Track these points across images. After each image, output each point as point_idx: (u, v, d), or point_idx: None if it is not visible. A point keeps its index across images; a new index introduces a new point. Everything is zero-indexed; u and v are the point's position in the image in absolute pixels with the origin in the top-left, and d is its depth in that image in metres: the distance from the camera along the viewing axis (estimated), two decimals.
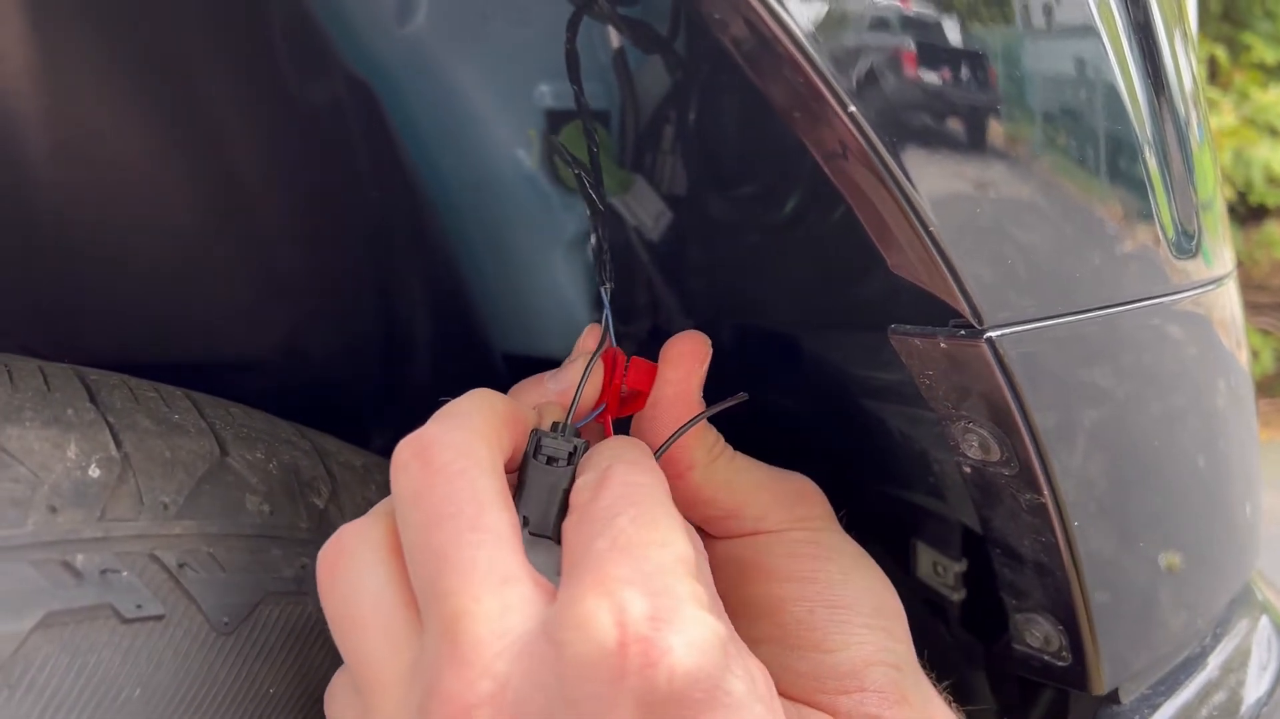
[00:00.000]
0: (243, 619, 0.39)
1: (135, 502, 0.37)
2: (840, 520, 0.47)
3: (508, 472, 0.37)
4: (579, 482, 0.37)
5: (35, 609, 0.33)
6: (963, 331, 0.42)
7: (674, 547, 0.33)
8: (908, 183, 0.37)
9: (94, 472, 0.37)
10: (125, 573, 0.36)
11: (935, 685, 0.45)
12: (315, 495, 0.45)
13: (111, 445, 0.38)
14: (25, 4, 0.38)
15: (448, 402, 0.38)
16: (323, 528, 0.44)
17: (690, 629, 0.30)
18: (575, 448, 0.39)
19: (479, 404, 0.37)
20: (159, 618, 0.36)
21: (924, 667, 0.45)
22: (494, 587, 0.32)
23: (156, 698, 0.36)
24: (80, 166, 0.42)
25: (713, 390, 0.46)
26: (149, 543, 0.37)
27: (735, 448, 0.46)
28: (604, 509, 0.34)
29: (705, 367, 0.44)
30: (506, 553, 0.33)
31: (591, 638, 0.29)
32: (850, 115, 0.35)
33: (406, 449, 0.35)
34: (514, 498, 0.38)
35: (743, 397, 0.44)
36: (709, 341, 0.45)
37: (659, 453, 0.42)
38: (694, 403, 0.44)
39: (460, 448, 0.34)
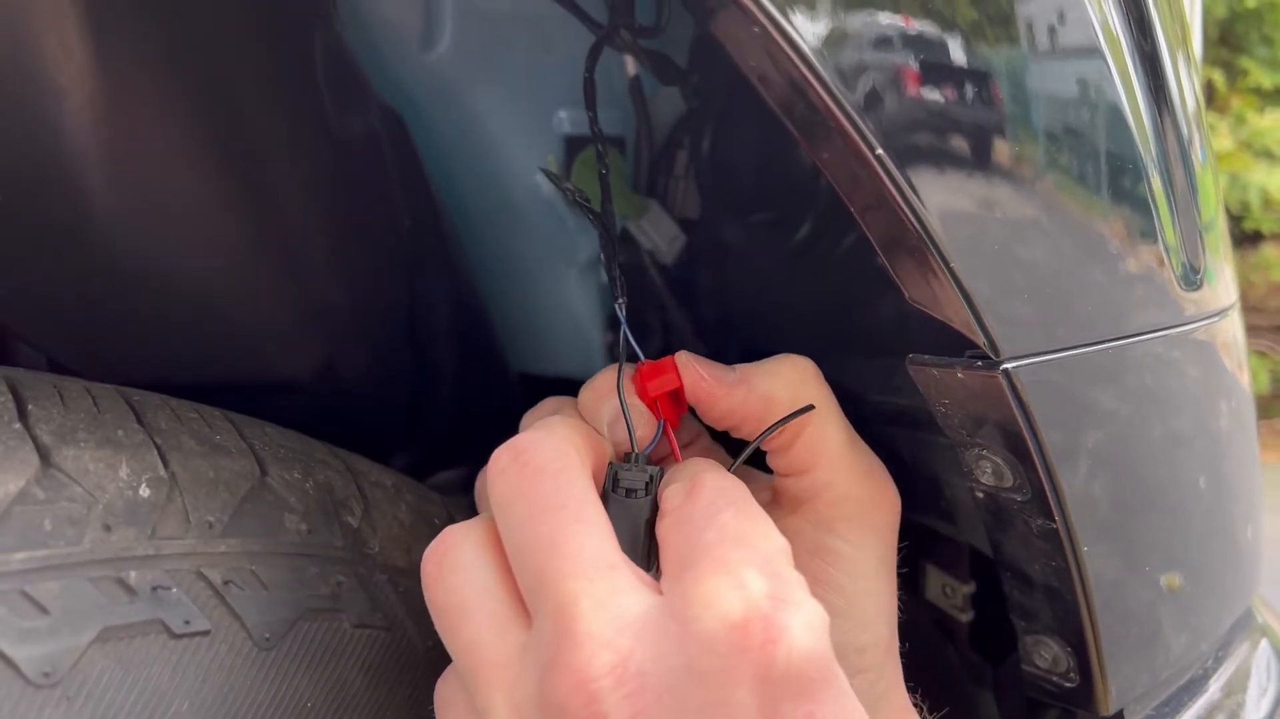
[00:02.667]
0: (283, 635, 0.40)
1: (183, 520, 0.38)
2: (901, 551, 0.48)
3: None
4: (668, 490, 0.39)
5: (93, 624, 0.34)
6: (980, 363, 0.43)
7: (776, 539, 0.35)
8: (928, 218, 0.39)
9: (144, 491, 0.38)
10: (175, 589, 0.37)
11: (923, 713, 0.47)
12: (349, 514, 0.46)
13: (160, 466, 0.39)
14: (89, 40, 0.40)
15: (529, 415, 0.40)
16: (356, 546, 0.45)
17: (805, 611, 0.32)
18: (651, 477, 0.40)
19: (564, 419, 0.40)
20: (206, 633, 0.38)
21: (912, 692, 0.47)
22: (603, 570, 0.34)
23: (204, 712, 0.37)
24: (134, 196, 0.44)
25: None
26: (196, 560, 0.38)
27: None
28: (705, 507, 0.36)
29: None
30: (610, 543, 0.35)
31: (717, 613, 0.31)
32: (878, 158, 0.37)
33: (505, 454, 0.37)
34: None
35: (812, 407, 0.46)
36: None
37: (733, 468, 0.43)
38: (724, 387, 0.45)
39: (556, 449, 0.37)
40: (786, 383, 0.46)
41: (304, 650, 0.41)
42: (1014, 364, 0.43)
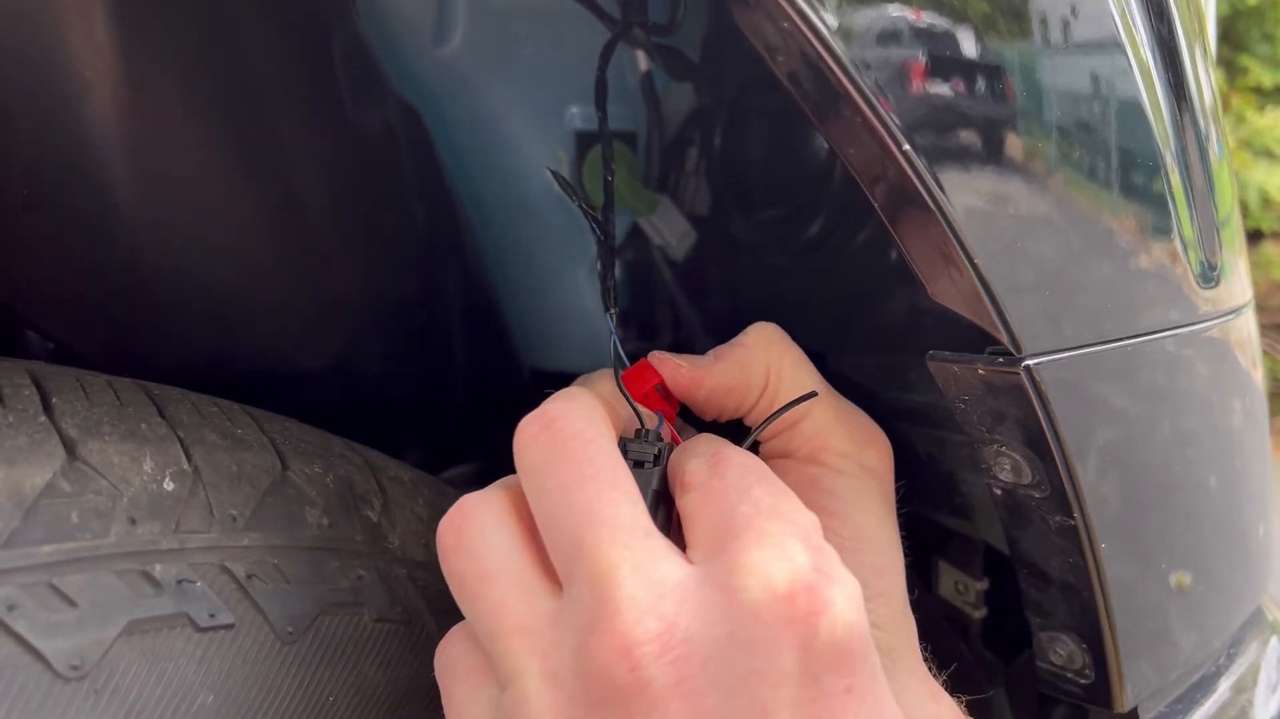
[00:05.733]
0: (305, 629, 0.40)
1: (206, 514, 0.38)
2: (898, 490, 0.48)
3: None
4: (690, 464, 0.38)
5: (120, 617, 0.34)
6: (1001, 359, 0.43)
7: (807, 512, 0.35)
8: (954, 214, 0.39)
9: (168, 485, 0.38)
10: (199, 583, 0.37)
11: (935, 675, 0.46)
12: (369, 509, 0.46)
13: (183, 459, 0.39)
14: (116, 35, 0.40)
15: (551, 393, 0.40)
16: (376, 540, 0.45)
17: (847, 584, 0.32)
18: (660, 450, 0.40)
19: (588, 391, 0.40)
20: (230, 627, 0.38)
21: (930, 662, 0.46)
22: (641, 538, 0.33)
23: (228, 705, 0.37)
24: (157, 189, 0.44)
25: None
26: (220, 554, 0.38)
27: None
28: (735, 481, 0.36)
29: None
30: (644, 511, 0.35)
31: (763, 583, 0.31)
32: (905, 153, 0.37)
33: (534, 423, 0.37)
34: None
35: (815, 393, 0.46)
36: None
37: (745, 445, 0.43)
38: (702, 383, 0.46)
39: (587, 418, 0.37)
40: (757, 347, 0.47)
41: (326, 644, 0.41)
42: (1036, 361, 0.43)
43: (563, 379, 0.81)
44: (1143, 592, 0.52)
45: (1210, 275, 0.54)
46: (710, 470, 0.37)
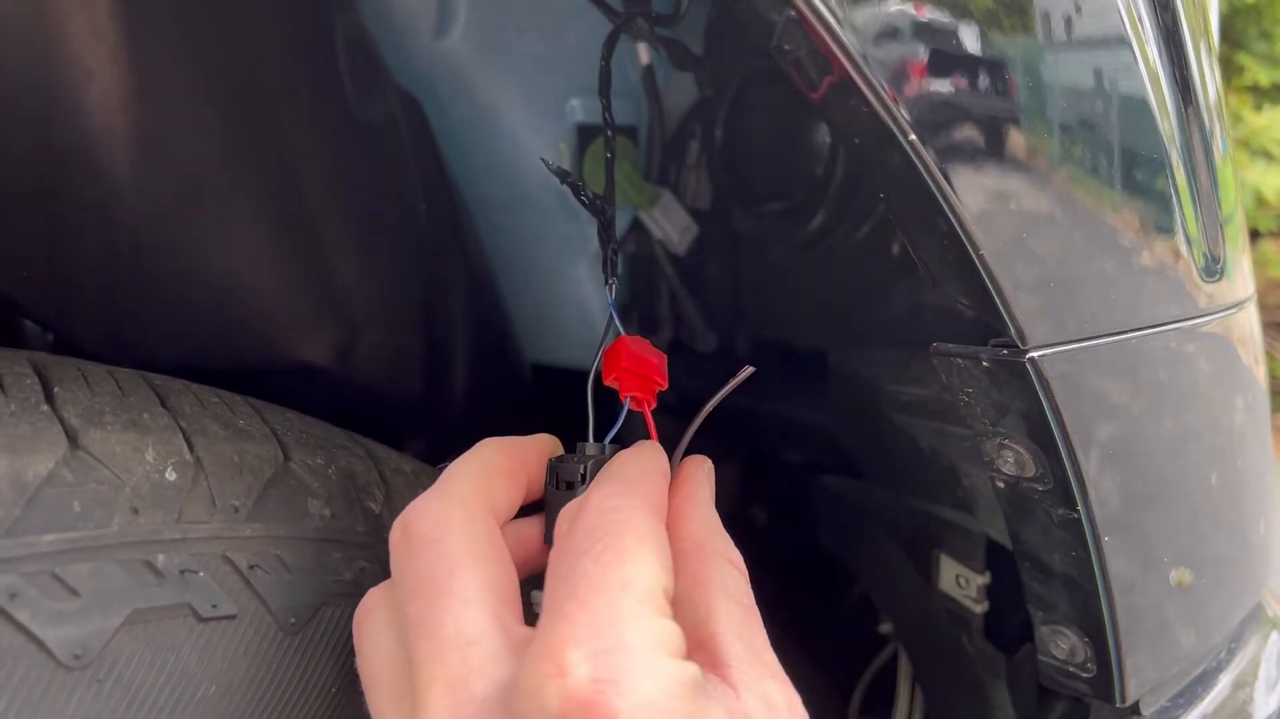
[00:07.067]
0: (307, 620, 0.40)
1: (208, 504, 0.38)
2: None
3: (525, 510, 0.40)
4: (560, 514, 0.37)
5: (123, 607, 0.34)
6: (1005, 351, 0.43)
7: (637, 585, 0.32)
8: (960, 205, 0.39)
9: (170, 475, 0.38)
10: (201, 573, 0.37)
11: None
12: (371, 500, 0.46)
13: (185, 449, 0.39)
14: (120, 23, 0.39)
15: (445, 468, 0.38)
16: (378, 532, 0.45)
17: (643, 686, 0.29)
18: (586, 467, 0.39)
19: (469, 466, 0.39)
20: (232, 617, 0.37)
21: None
22: (459, 649, 0.32)
23: (230, 695, 0.37)
24: (160, 180, 0.43)
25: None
26: (222, 544, 0.38)
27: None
28: (573, 548, 0.34)
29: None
30: (474, 613, 0.33)
31: (537, 705, 0.29)
32: (910, 143, 0.37)
33: (396, 527, 0.36)
34: (547, 531, 0.40)
35: (750, 370, 0.44)
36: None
37: (675, 457, 0.42)
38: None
39: (435, 518, 0.36)
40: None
41: (328, 635, 0.41)
42: (1040, 353, 0.43)
43: (561, 374, 0.81)
44: (1144, 586, 0.52)
45: (1214, 270, 0.54)
46: (570, 521, 0.35)
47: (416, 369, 0.59)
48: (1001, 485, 0.49)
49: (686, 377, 0.82)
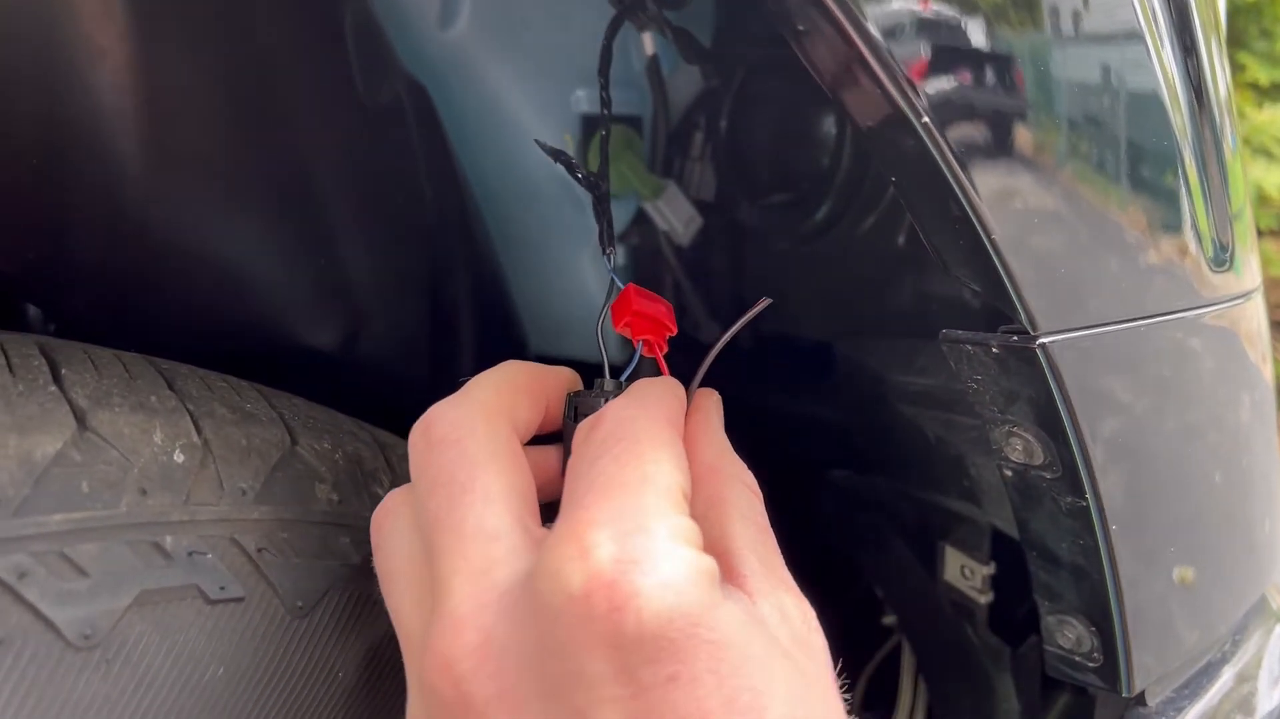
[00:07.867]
0: (315, 604, 0.40)
1: (216, 486, 0.38)
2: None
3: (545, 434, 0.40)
4: (579, 425, 0.37)
5: (131, 587, 0.34)
6: (1015, 337, 0.43)
7: (657, 480, 0.32)
8: (973, 191, 0.39)
9: (178, 457, 0.37)
10: (210, 555, 0.37)
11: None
12: (378, 486, 0.45)
13: (193, 432, 0.39)
14: (130, 3, 0.39)
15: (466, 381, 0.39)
16: None
17: (663, 568, 0.29)
18: (605, 400, 0.39)
19: (491, 378, 0.39)
20: (240, 600, 0.37)
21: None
22: (481, 544, 0.33)
23: (238, 678, 0.37)
24: (166, 162, 0.43)
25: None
26: (230, 527, 0.38)
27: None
28: (592, 449, 0.34)
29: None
30: (496, 510, 0.33)
31: (559, 587, 0.30)
32: (924, 126, 0.36)
33: (415, 429, 0.37)
34: (564, 461, 0.40)
35: (767, 300, 0.44)
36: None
37: (690, 390, 0.43)
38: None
39: (455, 422, 0.36)
40: None
41: (335, 619, 0.41)
42: (1050, 339, 0.43)
43: (564, 364, 0.81)
44: (1151, 576, 0.52)
45: (1223, 261, 0.53)
46: (588, 430, 0.36)
47: (422, 355, 0.59)
48: (1010, 473, 0.49)
49: (689, 369, 0.81)
